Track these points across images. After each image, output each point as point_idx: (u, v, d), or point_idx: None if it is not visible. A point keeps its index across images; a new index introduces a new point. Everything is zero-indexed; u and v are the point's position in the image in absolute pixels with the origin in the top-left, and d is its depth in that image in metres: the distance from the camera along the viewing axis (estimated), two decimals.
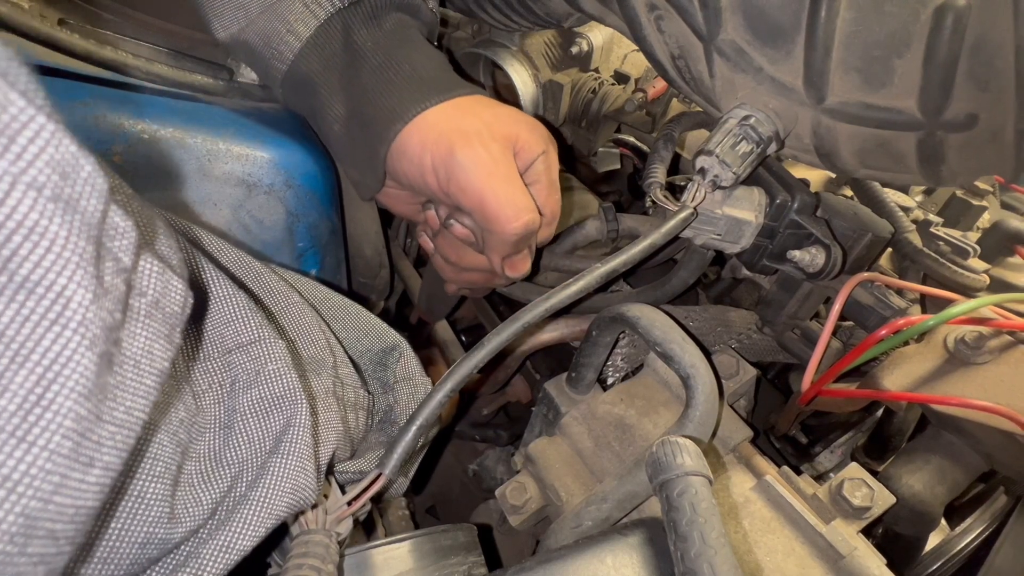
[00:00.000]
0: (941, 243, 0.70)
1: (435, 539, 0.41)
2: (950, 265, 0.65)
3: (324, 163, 0.61)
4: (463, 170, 0.47)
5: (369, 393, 0.48)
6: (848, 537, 0.41)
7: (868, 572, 0.39)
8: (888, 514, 0.45)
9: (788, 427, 0.65)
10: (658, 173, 0.58)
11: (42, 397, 0.20)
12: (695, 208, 0.51)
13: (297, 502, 0.35)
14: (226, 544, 0.32)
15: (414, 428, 0.42)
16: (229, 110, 0.60)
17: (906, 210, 0.70)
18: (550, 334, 0.64)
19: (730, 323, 0.63)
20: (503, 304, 0.82)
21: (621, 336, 0.57)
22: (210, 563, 0.31)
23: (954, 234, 0.72)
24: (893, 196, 0.71)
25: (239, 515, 0.32)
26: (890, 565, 0.40)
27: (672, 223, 0.49)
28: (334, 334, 0.47)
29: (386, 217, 0.77)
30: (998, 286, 0.70)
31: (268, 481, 0.34)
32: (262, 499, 0.33)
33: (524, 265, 0.55)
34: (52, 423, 0.21)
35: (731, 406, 0.54)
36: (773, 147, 0.50)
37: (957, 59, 0.40)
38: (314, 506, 0.38)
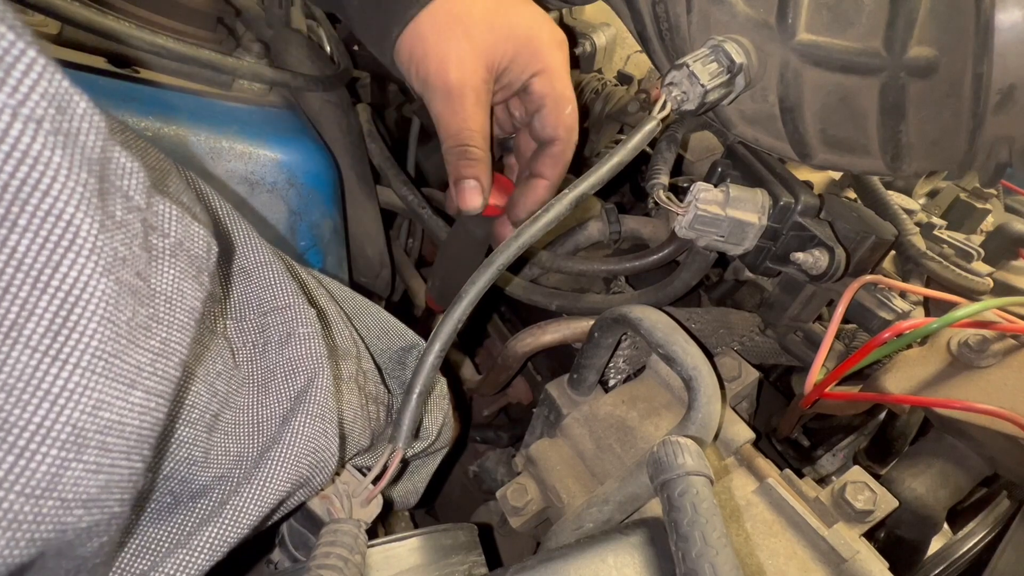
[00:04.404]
0: (945, 246, 0.70)
1: (436, 538, 0.41)
2: (954, 268, 0.65)
3: (327, 162, 0.61)
4: (433, 95, 0.52)
5: (388, 391, 0.48)
6: (850, 540, 0.41)
7: None
8: (891, 518, 0.44)
9: (790, 430, 0.65)
10: (661, 174, 0.58)
11: (67, 319, 0.22)
12: (660, 120, 0.50)
13: (318, 462, 0.35)
14: (250, 498, 0.33)
15: (415, 395, 0.42)
16: (232, 108, 0.60)
17: (910, 213, 0.70)
18: (552, 335, 0.64)
19: (732, 325, 0.63)
20: (504, 305, 0.82)
21: (623, 338, 0.57)
22: (241, 515, 0.32)
23: (958, 237, 0.72)
24: (897, 199, 0.71)
25: (260, 472, 0.33)
26: (892, 569, 0.40)
27: (637, 138, 0.49)
28: (355, 330, 0.48)
29: (388, 217, 0.77)
30: (1002, 289, 0.70)
31: (289, 439, 0.34)
32: (284, 456, 0.34)
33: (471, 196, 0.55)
34: (80, 343, 0.22)
35: (733, 408, 0.54)
36: (741, 82, 0.50)
37: None
38: (337, 496, 0.38)
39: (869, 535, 0.44)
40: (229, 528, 0.32)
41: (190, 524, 0.32)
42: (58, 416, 0.22)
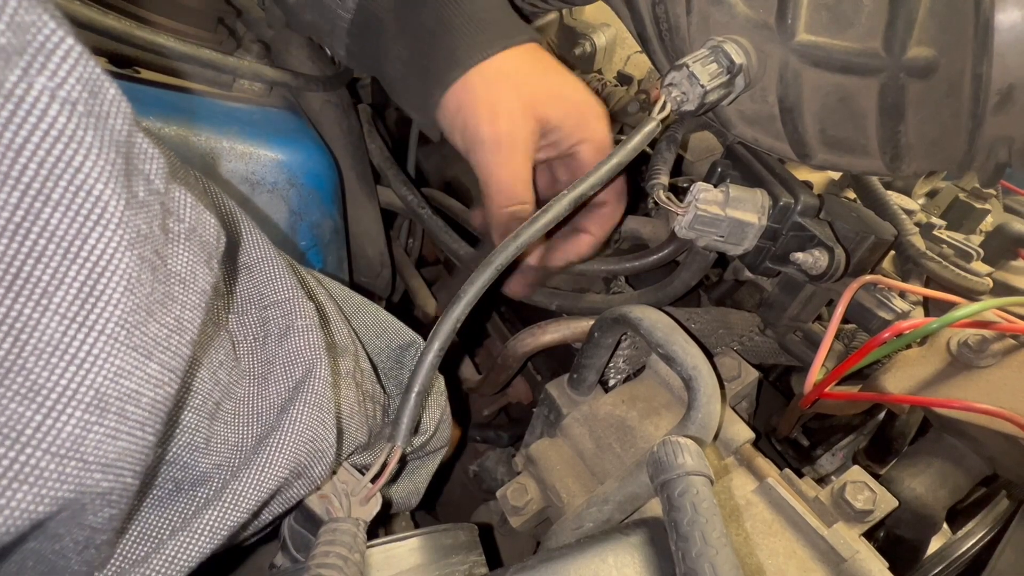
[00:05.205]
0: (944, 246, 0.70)
1: (436, 538, 0.41)
2: (953, 268, 0.65)
3: (327, 162, 0.62)
4: (481, 147, 0.52)
5: (384, 391, 0.49)
6: (850, 540, 0.41)
7: None
8: (890, 517, 0.44)
9: (790, 430, 0.65)
10: (661, 174, 0.58)
11: (94, 288, 0.23)
12: (660, 120, 0.50)
13: (316, 451, 0.36)
14: (250, 482, 0.33)
15: (414, 394, 0.42)
16: (233, 108, 0.60)
17: (909, 213, 0.70)
18: (552, 335, 0.64)
19: (732, 325, 0.63)
20: (504, 304, 0.82)
21: (623, 338, 0.57)
22: (240, 498, 0.33)
23: (957, 237, 0.72)
24: (896, 199, 0.71)
25: (259, 457, 0.34)
26: (892, 569, 0.40)
27: (637, 138, 0.49)
28: (353, 330, 0.48)
29: (388, 217, 0.78)
30: (1001, 289, 0.70)
31: (288, 426, 0.35)
32: (282, 442, 0.34)
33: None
34: (105, 311, 0.23)
35: (733, 408, 0.54)
36: (741, 83, 0.51)
37: None
38: (335, 495, 0.39)
39: (869, 535, 0.44)
40: (229, 512, 0.32)
41: (190, 510, 0.33)
42: (83, 380, 0.23)
